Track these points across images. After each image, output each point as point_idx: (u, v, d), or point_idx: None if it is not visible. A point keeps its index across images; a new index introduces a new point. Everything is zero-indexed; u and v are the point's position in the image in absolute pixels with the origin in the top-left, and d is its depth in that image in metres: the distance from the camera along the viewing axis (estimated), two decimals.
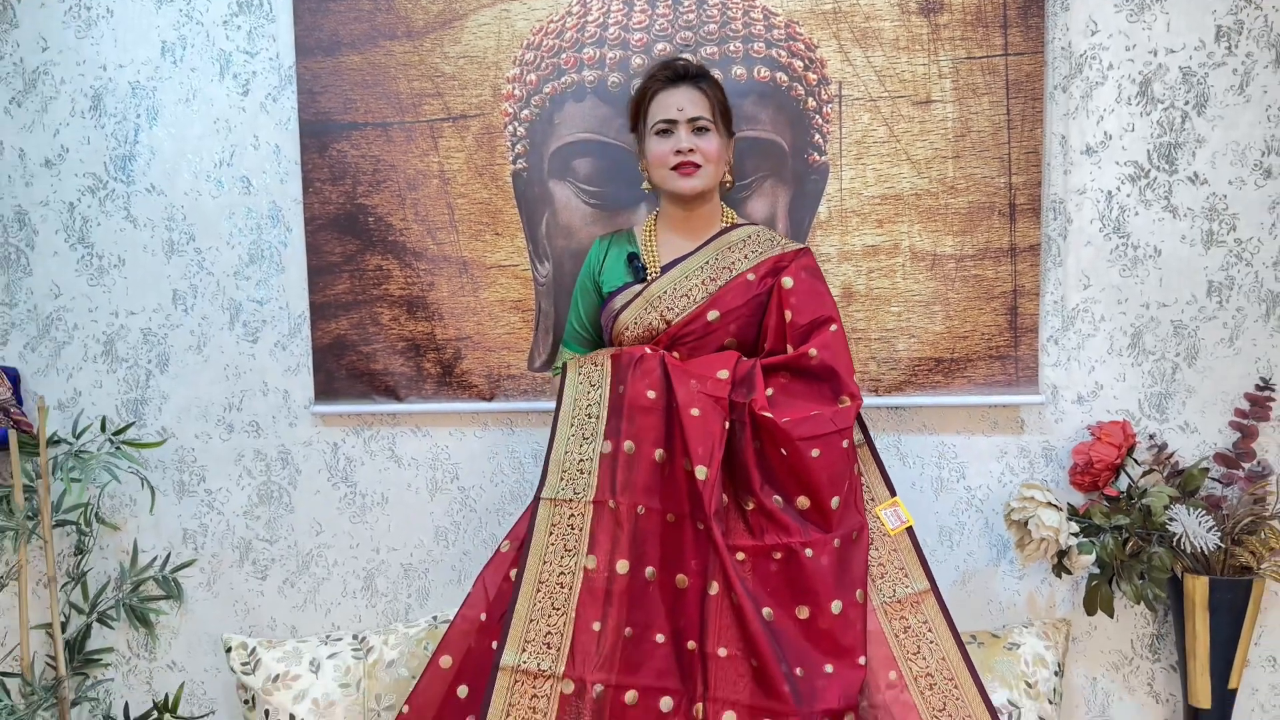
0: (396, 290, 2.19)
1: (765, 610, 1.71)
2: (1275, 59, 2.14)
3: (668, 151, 1.88)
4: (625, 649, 1.70)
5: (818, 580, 1.72)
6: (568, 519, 1.76)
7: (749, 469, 1.77)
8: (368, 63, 2.15)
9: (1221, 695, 2.09)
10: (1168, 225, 2.18)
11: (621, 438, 1.78)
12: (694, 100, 1.89)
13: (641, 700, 1.68)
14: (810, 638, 1.70)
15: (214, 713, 2.26)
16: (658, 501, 1.77)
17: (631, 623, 1.73)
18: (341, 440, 2.26)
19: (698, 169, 1.87)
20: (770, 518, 1.76)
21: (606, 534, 1.75)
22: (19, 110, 2.22)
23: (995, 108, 2.11)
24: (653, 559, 1.76)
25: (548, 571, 1.75)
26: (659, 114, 1.90)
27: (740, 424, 1.79)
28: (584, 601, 1.71)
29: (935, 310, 2.15)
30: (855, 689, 1.66)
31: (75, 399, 2.25)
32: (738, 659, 1.67)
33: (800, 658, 1.68)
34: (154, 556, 2.26)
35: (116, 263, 2.24)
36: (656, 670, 1.70)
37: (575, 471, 1.78)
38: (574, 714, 1.66)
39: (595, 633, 1.70)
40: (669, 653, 1.71)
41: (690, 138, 1.87)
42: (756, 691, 1.66)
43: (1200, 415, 2.21)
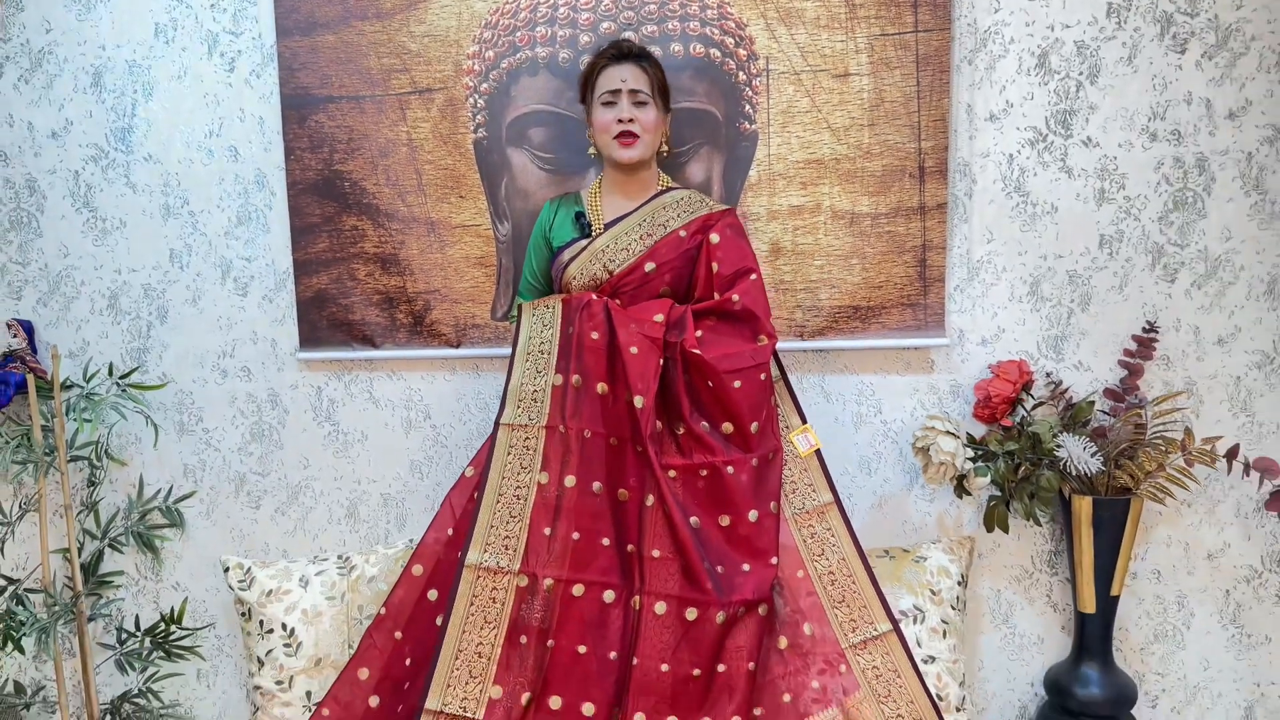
0: (371, 248, 2.43)
1: (693, 519, 1.98)
2: (1160, 33, 2.37)
3: (611, 120, 2.11)
4: (574, 550, 1.96)
5: (737, 493, 1.98)
6: (523, 441, 2.01)
7: (680, 399, 2.03)
8: (341, 41, 2.38)
9: (1105, 601, 2.36)
10: (1063, 184, 2.42)
11: (570, 372, 2.03)
12: (636, 76, 2.12)
13: (587, 593, 1.95)
14: (731, 542, 1.97)
15: (214, 624, 2.53)
16: (601, 427, 2.02)
17: (579, 529, 1.98)
18: (324, 384, 2.51)
19: (636, 139, 2.11)
20: (698, 440, 2.01)
21: (557, 455, 2.01)
22: (26, 87, 2.44)
23: (906, 80, 2.35)
24: (598, 476, 2.01)
25: (506, 486, 2.00)
26: (605, 85, 2.13)
27: (673, 360, 2.04)
28: (537, 511, 1.97)
29: (853, 263, 2.39)
30: (768, 584, 1.93)
31: (84, 348, 2.50)
32: (669, 559, 1.94)
33: (722, 558, 1.95)
34: (158, 489, 2.51)
35: (118, 225, 2.48)
36: (601, 568, 1.96)
37: (530, 400, 2.03)
38: (528, 604, 1.92)
39: (546, 537, 1.96)
40: (612, 554, 1.97)
41: (631, 108, 2.10)
42: (685, 585, 1.93)
43: (1092, 355, 2.46)
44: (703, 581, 1.91)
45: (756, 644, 1.91)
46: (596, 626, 1.93)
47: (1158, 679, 2.56)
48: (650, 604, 1.92)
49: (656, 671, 1.89)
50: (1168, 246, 2.43)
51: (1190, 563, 2.52)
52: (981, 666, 2.55)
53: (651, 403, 1.98)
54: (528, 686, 1.89)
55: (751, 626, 1.91)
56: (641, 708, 1.88)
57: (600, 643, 1.93)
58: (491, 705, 1.87)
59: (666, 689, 1.88)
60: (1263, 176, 2.40)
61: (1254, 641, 2.55)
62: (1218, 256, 2.43)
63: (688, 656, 1.90)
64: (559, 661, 1.90)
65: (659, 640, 1.91)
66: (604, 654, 1.93)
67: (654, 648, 1.90)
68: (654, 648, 1.90)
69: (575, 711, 1.88)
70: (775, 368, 2.11)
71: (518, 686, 1.90)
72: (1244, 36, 2.36)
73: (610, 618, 1.94)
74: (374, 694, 2.06)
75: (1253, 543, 2.51)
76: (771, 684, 1.91)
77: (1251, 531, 2.51)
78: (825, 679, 1.92)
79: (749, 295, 2.07)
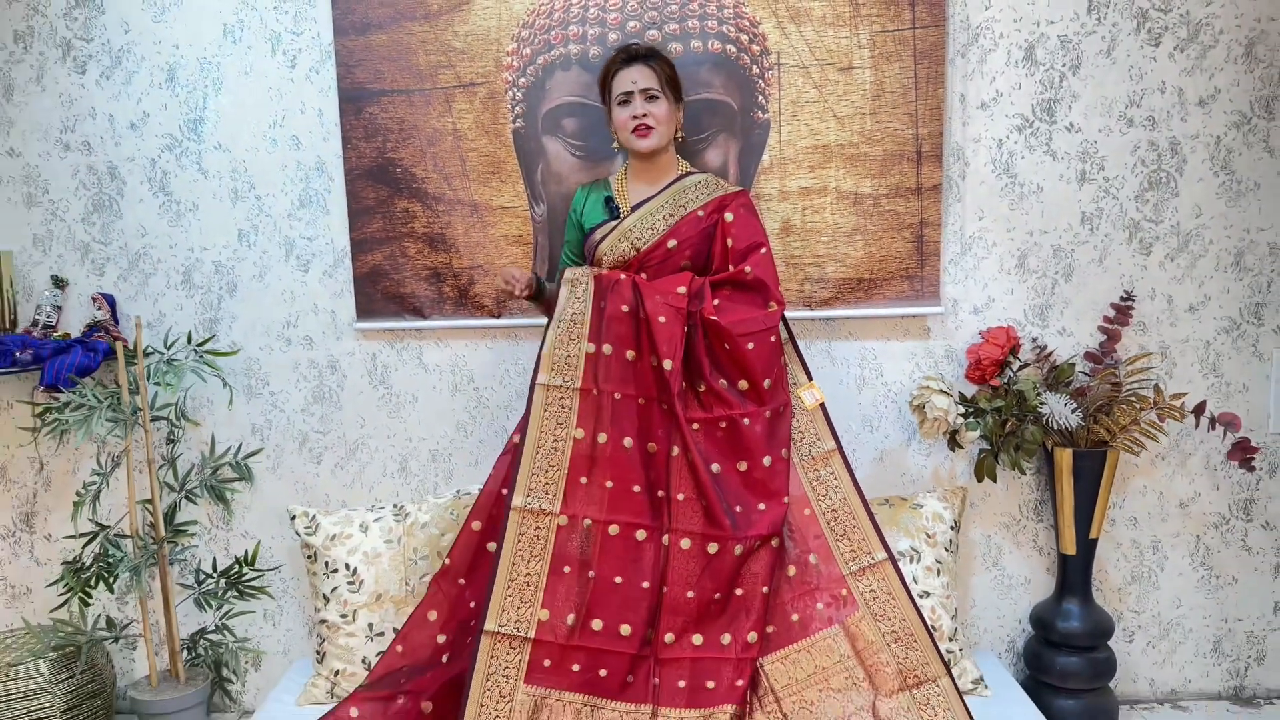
0: (420, 228, 2.68)
1: (714, 465, 2.24)
2: (1136, 28, 2.60)
3: (627, 117, 2.35)
4: (609, 496, 2.22)
5: (753, 442, 2.24)
6: (559, 401, 2.27)
7: (701, 360, 2.28)
8: (393, 40, 2.62)
9: (1085, 543, 2.61)
10: (1048, 166, 2.66)
11: (602, 341, 2.29)
12: (645, 75, 2.35)
13: (622, 532, 2.21)
14: (747, 484, 2.23)
15: (282, 566, 2.81)
16: (631, 389, 2.28)
17: (612, 478, 2.24)
18: (379, 351, 2.77)
19: (651, 130, 2.35)
20: (718, 396, 2.27)
21: (590, 413, 2.26)
22: (107, 82, 2.69)
23: (905, 72, 2.58)
24: (629, 432, 2.26)
25: (544, 440, 2.26)
26: (619, 88, 2.36)
27: (694, 326, 2.29)
28: (574, 462, 2.23)
29: (857, 239, 2.64)
30: (780, 520, 2.19)
31: (161, 319, 2.76)
32: (692, 501, 2.20)
33: (739, 499, 2.21)
34: (229, 446, 2.78)
35: (191, 208, 2.73)
36: (633, 510, 2.22)
37: (564, 365, 2.29)
38: (569, 540, 2.19)
39: (583, 485, 2.23)
40: (643, 499, 2.23)
41: (644, 105, 2.34)
42: (706, 524, 2.19)
43: (1075, 322, 2.71)
44: (721, 520, 2.17)
45: (770, 571, 2.17)
46: (631, 560, 2.19)
47: (1134, 616, 2.81)
48: (677, 540, 2.19)
49: (683, 597, 2.16)
50: (1143, 223, 2.67)
51: (1164, 510, 2.77)
52: (974, 604, 2.81)
53: (679, 365, 2.24)
54: (572, 610, 2.16)
55: (765, 557, 2.18)
56: (671, 627, 2.14)
57: (635, 574, 2.19)
58: (541, 626, 2.14)
59: (692, 611, 2.15)
60: (1230, 158, 2.64)
61: (1222, 582, 2.81)
62: (1189, 231, 2.67)
63: (710, 584, 2.17)
64: (599, 589, 2.17)
65: (685, 571, 2.17)
66: (638, 583, 2.19)
67: (681, 577, 2.17)
68: (681, 577, 2.17)
69: (614, 632, 2.15)
70: (784, 331, 2.36)
71: (563, 610, 2.17)
72: (1213, 30, 2.59)
73: (643, 553, 2.20)
74: (441, 632, 2.33)
75: (1221, 492, 2.76)
76: (781, 606, 2.17)
77: (1220, 482, 2.76)
78: (828, 602, 2.18)
79: (760, 266, 2.32)
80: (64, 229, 2.73)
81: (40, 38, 2.67)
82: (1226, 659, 2.83)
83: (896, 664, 2.11)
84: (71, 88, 2.68)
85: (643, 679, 2.15)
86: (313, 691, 2.51)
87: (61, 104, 2.69)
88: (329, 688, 2.49)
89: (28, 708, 2.55)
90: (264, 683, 2.85)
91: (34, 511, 2.83)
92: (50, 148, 2.71)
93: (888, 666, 2.10)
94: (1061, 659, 2.61)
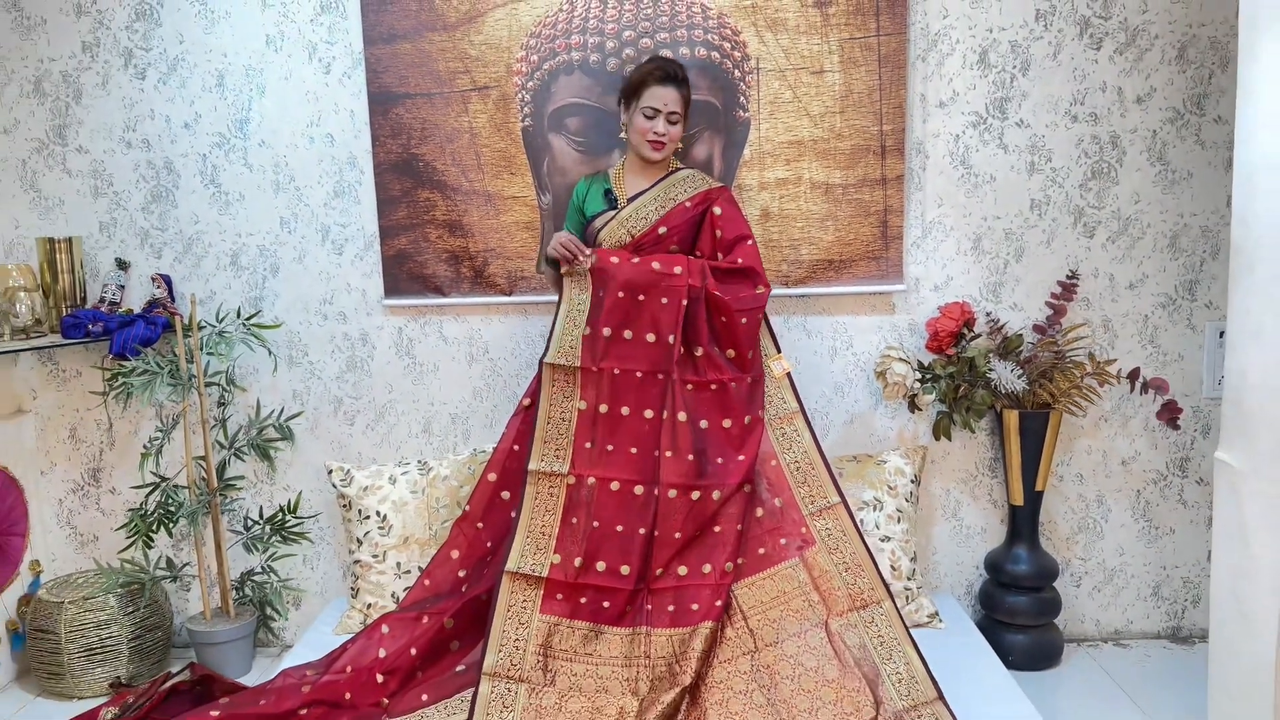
0: (440, 216, 3.02)
1: (702, 422, 2.56)
2: (1079, 34, 2.90)
3: (649, 129, 2.64)
4: (609, 457, 2.55)
5: (737, 402, 2.57)
6: (564, 377, 2.60)
7: (701, 329, 2.59)
8: (416, 49, 2.95)
9: (1032, 495, 2.93)
10: (1000, 158, 2.96)
11: (600, 325, 2.59)
12: (675, 99, 2.64)
13: (622, 487, 2.52)
14: (729, 440, 2.56)
15: (319, 514, 3.17)
16: (629, 364, 2.58)
17: (612, 442, 2.57)
18: (404, 325, 3.11)
19: (664, 146, 2.67)
20: (711, 362, 2.59)
21: (591, 387, 2.59)
22: (164, 87, 3.04)
23: (870, 75, 2.89)
24: (626, 402, 2.58)
25: (553, 411, 2.59)
26: (650, 101, 2.64)
27: (696, 300, 2.60)
28: (579, 429, 2.56)
29: (828, 225, 2.96)
30: (751, 468, 2.52)
31: (212, 297, 3.11)
32: (682, 456, 2.53)
33: (721, 451, 2.54)
34: (272, 409, 3.13)
35: (238, 198, 3.08)
36: (631, 468, 2.53)
37: (568, 348, 2.60)
38: (576, 496, 2.52)
39: (587, 449, 2.56)
40: (639, 458, 2.55)
41: (666, 126, 2.64)
42: (692, 475, 2.52)
43: (1025, 298, 3.02)
44: (705, 470, 2.51)
45: (743, 512, 2.51)
46: (629, 511, 2.53)
47: (1081, 563, 3.13)
48: (665, 491, 2.52)
49: (671, 537, 2.50)
50: (1087, 209, 2.97)
51: (1108, 467, 3.08)
52: (935, 552, 3.13)
53: (679, 336, 2.56)
54: (579, 554, 2.50)
55: (740, 500, 2.51)
56: (660, 563, 2.49)
57: (632, 522, 2.52)
58: (553, 568, 2.48)
59: (678, 548, 2.49)
60: (1165, 150, 2.94)
61: (1160, 533, 3.12)
62: (1128, 216, 2.97)
63: (693, 525, 2.51)
64: (602, 536, 2.51)
65: (673, 515, 2.51)
66: (635, 530, 2.52)
67: (669, 521, 2.50)
68: (669, 521, 2.50)
69: (615, 571, 2.49)
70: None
71: (571, 554, 2.50)
72: (1149, 35, 2.89)
73: (639, 504, 2.53)
74: (461, 568, 2.68)
75: (1159, 451, 3.07)
76: (750, 542, 2.50)
77: (1158, 442, 3.07)
78: (790, 538, 2.51)
79: (749, 256, 2.64)
80: (126, 217, 3.09)
81: (105, 47, 3.01)
82: (1165, 602, 3.14)
83: (847, 589, 2.43)
84: (133, 91, 3.03)
85: (638, 607, 2.49)
86: (348, 622, 2.86)
87: (124, 106, 3.04)
88: (362, 619, 2.85)
89: (100, 636, 2.92)
90: (303, 620, 3.21)
91: (100, 468, 3.19)
92: (114, 145, 3.06)
93: (839, 591, 2.43)
94: (1011, 598, 2.93)
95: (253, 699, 2.37)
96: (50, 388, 3.16)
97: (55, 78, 3.03)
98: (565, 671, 2.40)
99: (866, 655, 2.34)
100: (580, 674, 2.40)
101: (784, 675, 2.33)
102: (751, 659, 2.38)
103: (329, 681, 2.41)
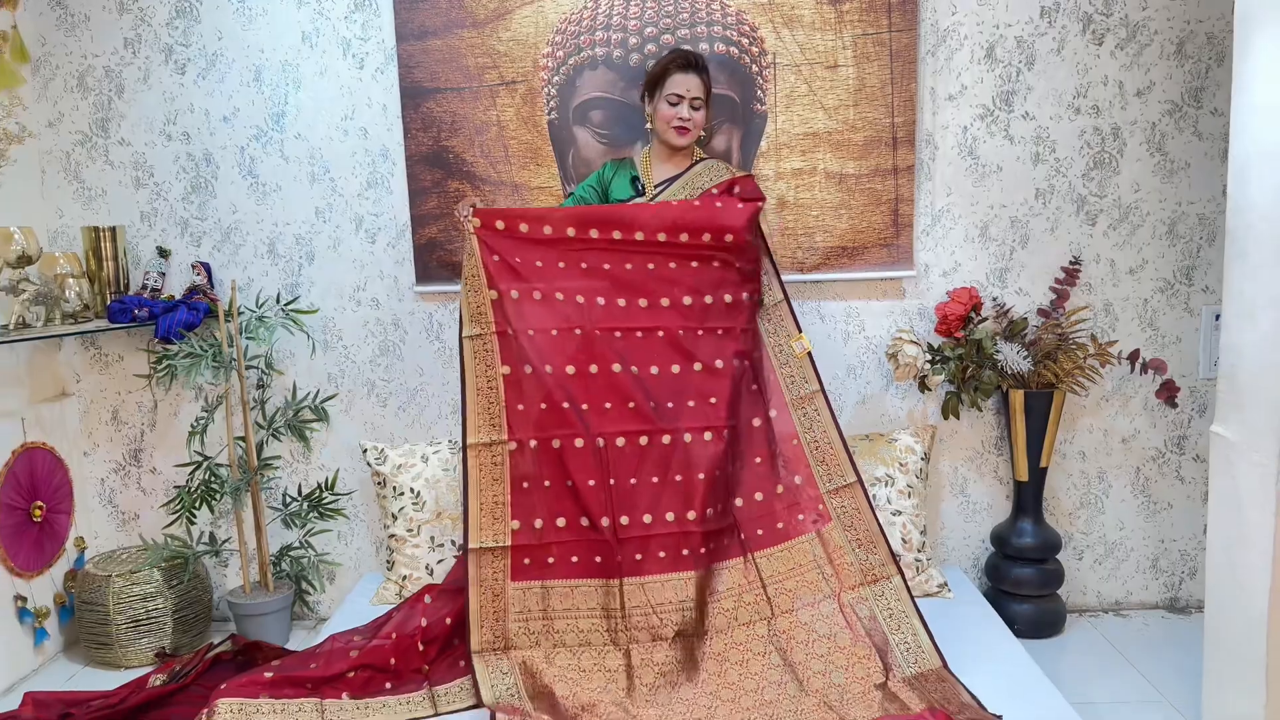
0: None
1: (652, 368, 2.62)
2: (1082, 29, 3.03)
3: (673, 115, 2.77)
4: (543, 416, 2.59)
5: (687, 347, 2.66)
6: (483, 346, 2.63)
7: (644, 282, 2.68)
8: (446, 45, 3.08)
9: (1036, 471, 3.07)
10: (1007, 149, 3.09)
11: (506, 289, 2.62)
12: (697, 85, 2.77)
13: (563, 444, 2.56)
14: (682, 384, 2.63)
15: (355, 491, 3.30)
16: (547, 323, 2.61)
17: (544, 400, 2.58)
18: (434, 310, 3.24)
19: (688, 132, 2.79)
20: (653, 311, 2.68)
21: (510, 351, 2.60)
22: (204, 82, 3.16)
23: (883, 69, 3.02)
24: (549, 360, 2.59)
25: (480, 381, 2.62)
26: (672, 88, 2.77)
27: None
28: (508, 394, 2.59)
29: (841, 213, 3.09)
30: (714, 418, 2.61)
31: (250, 284, 3.24)
32: (623, 404, 2.59)
33: (673, 395, 2.62)
34: (308, 392, 3.27)
35: (275, 188, 3.21)
36: (568, 424, 2.57)
37: (479, 315, 2.63)
38: (520, 462, 2.57)
39: (520, 410, 2.59)
40: (573, 412, 2.58)
41: (689, 111, 2.77)
42: (637, 421, 2.59)
43: (1030, 283, 3.15)
44: (649, 416, 2.59)
45: (712, 463, 2.57)
46: (578, 466, 2.57)
47: (1083, 537, 3.27)
48: (612, 440, 2.58)
49: (628, 486, 2.57)
50: (1089, 197, 3.10)
51: (1109, 445, 3.22)
52: (944, 527, 3.27)
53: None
54: (537, 515, 2.57)
55: (707, 449, 2.58)
56: (624, 511, 2.56)
57: (584, 475, 2.57)
58: (514, 534, 2.56)
59: (639, 496, 2.56)
60: (1164, 141, 3.07)
61: (1159, 508, 3.26)
62: (1129, 204, 3.10)
63: (650, 470, 2.58)
64: (555, 494, 2.57)
65: (625, 464, 2.57)
66: (586, 482, 2.57)
67: (623, 470, 2.57)
68: (623, 470, 2.57)
69: (576, 525, 2.56)
70: (780, 291, 2.79)
71: (529, 517, 2.57)
72: (1149, 31, 3.01)
73: (586, 458, 2.58)
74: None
75: (1158, 429, 3.21)
76: (769, 516, 2.63)
77: (1157, 421, 3.21)
78: (807, 514, 2.64)
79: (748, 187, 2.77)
80: (167, 207, 3.22)
81: (146, 44, 3.14)
82: (1163, 574, 3.29)
83: (859, 564, 2.57)
84: (173, 86, 3.16)
85: (609, 558, 2.55)
86: (384, 593, 3.00)
87: (164, 100, 3.17)
88: (398, 590, 2.99)
89: (145, 608, 3.06)
90: (337, 594, 3.35)
91: (141, 449, 3.33)
92: (155, 138, 3.18)
93: (852, 566, 2.56)
94: (1016, 570, 3.07)
95: (302, 662, 2.51)
96: (93, 371, 3.29)
97: (98, 73, 3.15)
98: (547, 630, 2.50)
99: (876, 626, 2.48)
100: (562, 630, 2.50)
101: (798, 640, 2.47)
102: (769, 624, 2.52)
103: (375, 646, 2.54)
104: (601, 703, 2.32)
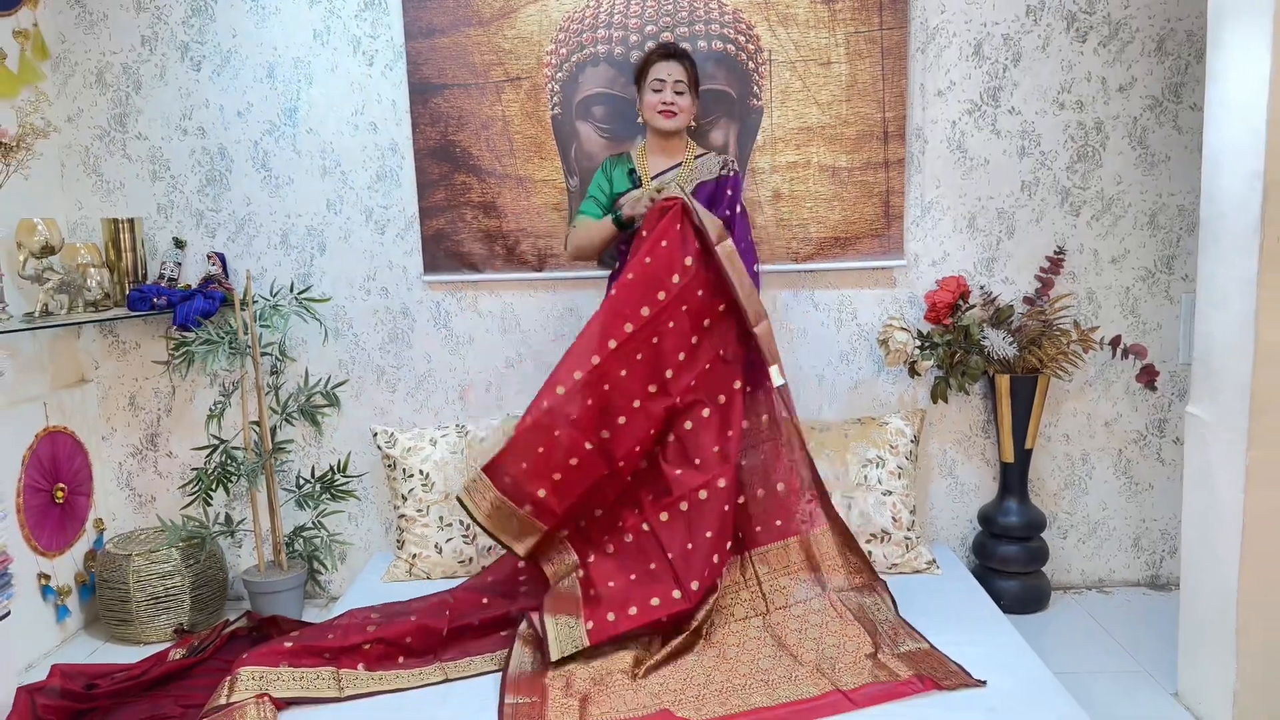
0: (476, 198, 3.26)
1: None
2: (1066, 27, 3.14)
3: (657, 101, 2.90)
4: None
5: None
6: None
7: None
8: (453, 43, 3.19)
9: (1021, 453, 3.18)
10: (994, 143, 3.21)
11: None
12: (678, 71, 2.88)
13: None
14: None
15: (366, 474, 3.42)
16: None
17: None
18: (442, 299, 3.35)
19: (674, 115, 2.90)
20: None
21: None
22: (219, 78, 3.27)
23: (874, 66, 3.13)
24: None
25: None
26: (654, 75, 2.89)
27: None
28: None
29: (835, 205, 3.20)
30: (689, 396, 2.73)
31: (263, 274, 3.35)
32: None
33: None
34: (320, 378, 3.38)
35: (288, 181, 3.32)
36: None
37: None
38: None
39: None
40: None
41: (673, 95, 2.89)
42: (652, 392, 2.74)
43: (1016, 272, 3.27)
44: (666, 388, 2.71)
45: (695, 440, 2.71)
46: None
47: (1067, 517, 3.39)
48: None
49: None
50: (1073, 189, 3.22)
51: (1092, 428, 3.34)
52: (933, 507, 3.39)
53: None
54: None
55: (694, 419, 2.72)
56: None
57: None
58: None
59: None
60: (1145, 135, 3.18)
61: (1140, 489, 3.38)
62: (1111, 196, 3.22)
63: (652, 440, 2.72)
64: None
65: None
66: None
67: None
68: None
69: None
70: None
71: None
72: (1130, 29, 3.13)
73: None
74: (522, 574, 2.83)
75: (1139, 413, 3.33)
76: (762, 515, 2.72)
77: (1138, 405, 3.33)
78: (796, 519, 2.74)
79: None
80: (182, 199, 3.32)
81: (163, 41, 3.24)
82: (1144, 553, 3.41)
83: (844, 564, 2.70)
84: (189, 82, 3.27)
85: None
86: (394, 571, 3.12)
87: (180, 96, 3.27)
88: (408, 568, 3.11)
89: (164, 586, 3.17)
90: (348, 574, 3.46)
91: (157, 433, 3.44)
92: (171, 132, 3.29)
93: (838, 567, 2.70)
94: (1002, 547, 3.19)
95: (320, 633, 2.62)
96: (111, 358, 3.40)
97: (116, 69, 3.26)
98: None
99: (864, 614, 2.61)
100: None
101: (791, 629, 2.58)
102: (763, 619, 2.64)
103: (397, 626, 2.63)
104: (611, 672, 2.43)
